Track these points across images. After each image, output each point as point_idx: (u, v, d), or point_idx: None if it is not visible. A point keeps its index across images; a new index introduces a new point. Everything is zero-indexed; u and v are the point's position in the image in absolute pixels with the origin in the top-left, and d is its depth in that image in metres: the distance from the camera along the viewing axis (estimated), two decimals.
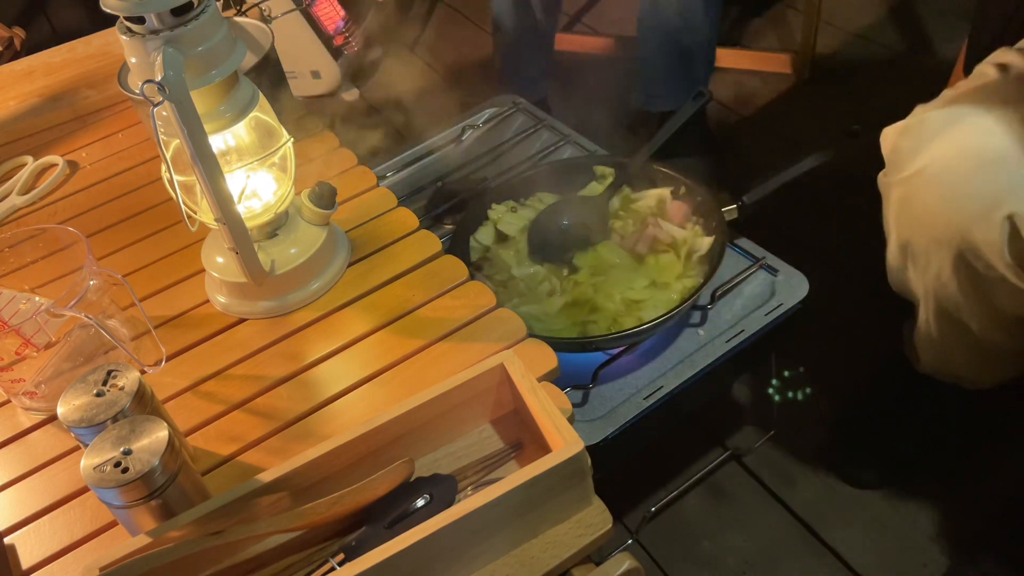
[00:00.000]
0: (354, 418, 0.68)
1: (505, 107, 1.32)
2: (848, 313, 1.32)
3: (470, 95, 1.91)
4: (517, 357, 0.62)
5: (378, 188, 0.90)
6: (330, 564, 0.57)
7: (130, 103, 1.07)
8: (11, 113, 1.12)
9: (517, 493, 0.54)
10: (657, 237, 1.02)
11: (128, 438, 0.55)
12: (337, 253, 0.81)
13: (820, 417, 1.21)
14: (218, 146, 0.69)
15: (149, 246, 0.88)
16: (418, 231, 0.84)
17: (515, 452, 0.63)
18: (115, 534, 0.63)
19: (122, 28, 0.63)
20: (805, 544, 1.09)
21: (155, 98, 0.59)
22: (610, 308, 0.96)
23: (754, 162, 1.66)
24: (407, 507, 0.58)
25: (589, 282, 0.99)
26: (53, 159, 1.01)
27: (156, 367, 0.69)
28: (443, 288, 0.78)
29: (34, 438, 0.71)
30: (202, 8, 0.63)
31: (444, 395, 0.61)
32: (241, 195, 0.73)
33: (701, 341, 0.96)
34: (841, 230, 1.45)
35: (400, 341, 0.73)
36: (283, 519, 0.56)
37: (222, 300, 0.79)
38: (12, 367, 0.69)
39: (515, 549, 0.58)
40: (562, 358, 0.71)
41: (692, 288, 0.95)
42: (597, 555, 0.60)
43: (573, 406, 0.72)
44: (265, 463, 0.66)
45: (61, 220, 0.94)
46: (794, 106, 1.80)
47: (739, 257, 1.03)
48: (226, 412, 0.70)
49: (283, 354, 0.74)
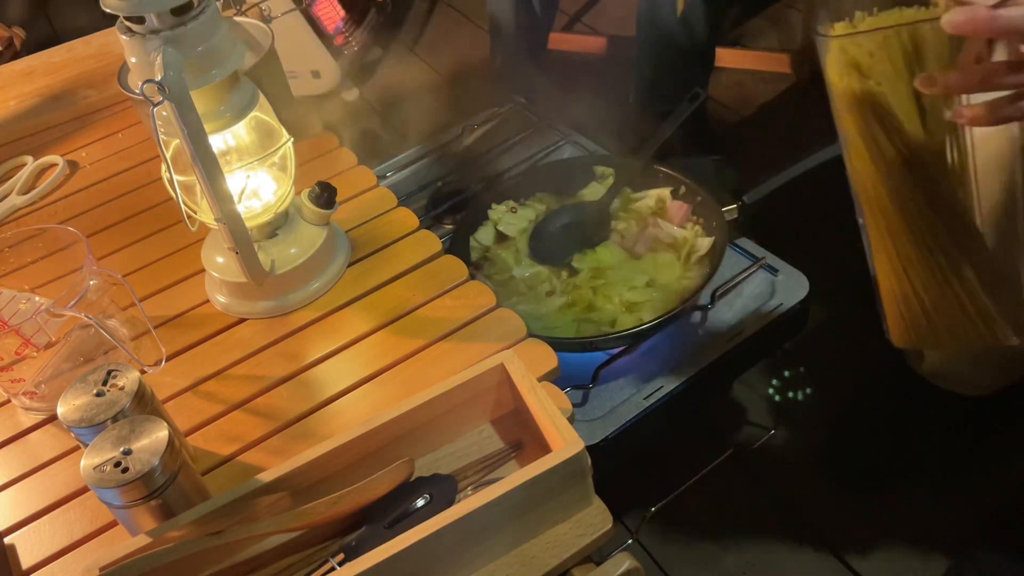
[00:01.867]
0: (354, 418, 0.68)
1: (505, 107, 1.32)
2: (848, 313, 1.32)
3: (470, 95, 1.92)
4: (517, 357, 0.62)
5: (378, 188, 0.90)
6: (330, 564, 0.57)
7: (130, 103, 1.07)
8: (11, 113, 1.12)
9: (517, 493, 0.54)
10: (657, 237, 1.02)
11: (128, 438, 0.55)
12: (337, 253, 0.81)
13: (820, 417, 1.21)
14: (218, 146, 0.69)
15: (149, 246, 0.88)
16: (418, 231, 0.84)
17: (515, 452, 0.63)
18: (115, 534, 0.63)
19: (122, 28, 0.63)
20: (805, 544, 1.09)
21: (155, 98, 0.59)
22: (610, 308, 0.96)
23: (754, 162, 1.66)
24: (407, 507, 0.58)
25: (589, 283, 0.99)
26: (53, 159, 1.01)
27: (156, 367, 0.69)
28: (443, 288, 0.78)
29: (34, 438, 0.71)
30: (202, 8, 0.63)
31: (444, 395, 0.61)
32: (241, 195, 0.73)
33: (701, 341, 0.96)
34: (841, 230, 1.45)
35: (400, 341, 0.73)
36: (283, 519, 0.56)
37: (222, 300, 0.79)
38: (12, 367, 0.69)
39: (515, 549, 0.58)
40: (562, 358, 0.71)
41: (692, 288, 0.95)
42: (597, 555, 0.60)
43: (573, 406, 0.72)
44: (265, 463, 0.66)
45: (61, 220, 0.94)
46: (794, 106, 1.80)
47: (739, 257, 1.03)
48: (226, 412, 0.70)
49: (283, 354, 0.74)
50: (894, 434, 1.16)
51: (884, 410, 1.18)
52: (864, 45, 0.62)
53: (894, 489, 1.12)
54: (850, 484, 1.14)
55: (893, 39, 0.61)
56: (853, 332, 1.30)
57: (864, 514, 1.10)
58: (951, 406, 1.14)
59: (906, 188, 0.66)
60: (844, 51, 0.63)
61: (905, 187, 0.66)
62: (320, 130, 0.99)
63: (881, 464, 1.15)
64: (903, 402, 1.15)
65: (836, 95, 0.66)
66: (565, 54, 1.98)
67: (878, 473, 1.14)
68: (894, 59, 0.61)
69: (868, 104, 0.63)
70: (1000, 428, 1.15)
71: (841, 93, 0.65)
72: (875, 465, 1.15)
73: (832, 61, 0.64)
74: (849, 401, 1.23)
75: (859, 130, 0.66)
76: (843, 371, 1.26)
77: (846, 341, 1.30)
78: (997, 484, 1.11)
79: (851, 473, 1.15)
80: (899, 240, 0.69)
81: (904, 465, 1.14)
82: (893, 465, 1.14)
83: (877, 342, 0.81)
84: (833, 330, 1.30)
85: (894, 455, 1.15)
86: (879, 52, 0.61)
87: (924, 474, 1.12)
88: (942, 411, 1.15)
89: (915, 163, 0.65)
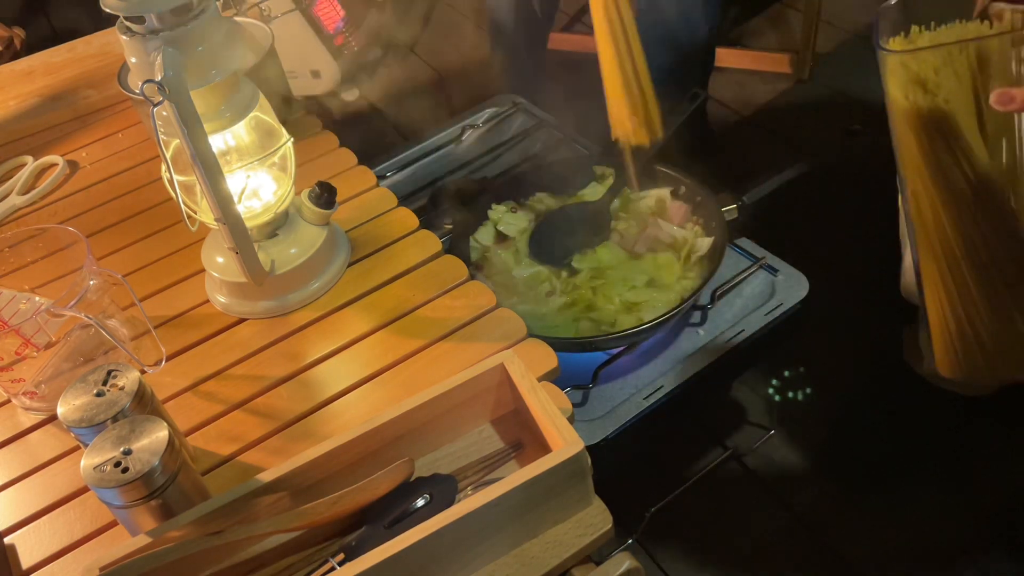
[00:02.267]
0: (354, 418, 0.68)
1: (505, 107, 1.32)
2: (848, 313, 1.32)
3: (470, 95, 1.92)
4: (517, 357, 0.62)
5: (378, 188, 0.90)
6: (330, 564, 0.57)
7: (130, 103, 1.07)
8: (11, 113, 1.12)
9: (517, 493, 0.54)
10: (657, 237, 1.02)
11: (128, 438, 0.55)
12: (337, 253, 0.81)
13: (820, 417, 1.21)
14: (218, 146, 0.69)
15: (149, 246, 0.88)
16: (418, 231, 0.84)
17: (515, 452, 0.63)
18: (115, 534, 0.63)
19: (122, 28, 0.63)
20: (805, 544, 1.09)
21: (155, 98, 0.59)
22: (610, 308, 0.96)
23: (754, 162, 1.66)
24: (407, 507, 0.58)
25: (589, 283, 0.99)
26: (53, 159, 1.01)
27: (156, 367, 0.69)
28: (443, 288, 0.78)
29: (34, 438, 0.71)
30: (202, 8, 0.63)
31: (444, 395, 0.61)
32: (241, 195, 0.73)
33: (701, 341, 0.96)
34: (841, 230, 1.45)
35: (400, 341, 0.73)
36: (283, 519, 0.56)
37: (222, 300, 0.79)
38: (12, 367, 0.69)
39: (515, 549, 0.58)
40: (562, 358, 0.71)
41: (692, 288, 0.95)
42: (597, 555, 0.60)
43: (573, 406, 0.72)
44: (265, 463, 0.66)
45: (61, 220, 0.94)
46: (794, 106, 1.80)
47: (739, 257, 1.03)
48: (226, 412, 0.70)
49: (283, 354, 0.74)
50: (894, 434, 1.16)
51: (884, 410, 1.18)
52: (929, 60, 0.59)
53: (894, 489, 1.12)
54: (850, 484, 1.14)
55: (957, 54, 0.58)
56: (853, 332, 1.31)
57: (864, 514, 1.10)
58: (951, 406, 1.14)
59: (969, 216, 0.63)
60: (906, 67, 0.60)
61: (968, 215, 0.63)
62: (320, 130, 0.99)
63: (881, 464, 1.15)
64: (903, 402, 1.15)
65: (900, 114, 0.62)
66: (565, 54, 1.98)
67: (878, 473, 1.14)
68: (961, 74, 0.58)
69: (935, 124, 0.60)
70: (1000, 428, 1.15)
71: (906, 112, 0.61)
72: (875, 465, 1.15)
73: (894, 77, 0.61)
74: (849, 401, 1.23)
75: (923, 153, 0.62)
76: (843, 371, 1.26)
77: (846, 341, 1.30)
78: (997, 484, 1.11)
79: (851, 473, 1.15)
80: (957, 271, 0.66)
81: (904, 465, 1.14)
82: (893, 465, 1.14)
83: (876, 342, 0.81)
84: (833, 330, 1.30)
85: (894, 455, 1.15)
86: (944, 68, 0.58)
87: (924, 474, 1.12)
88: (942, 411, 1.15)
89: (981, 190, 0.62)
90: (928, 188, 0.64)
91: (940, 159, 0.62)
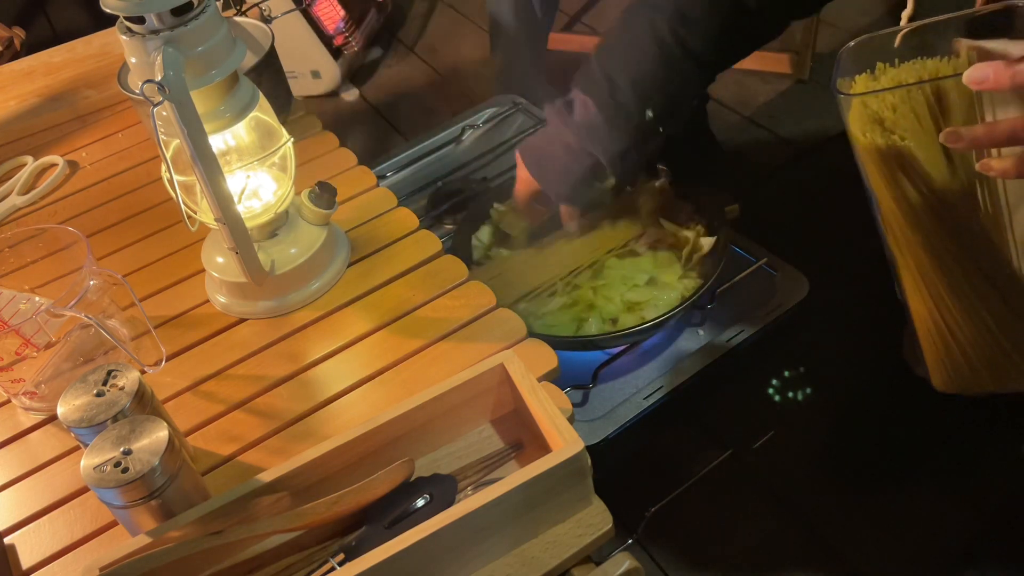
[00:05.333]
0: (354, 418, 0.68)
1: (505, 107, 1.32)
2: (848, 313, 1.32)
3: (469, 95, 1.92)
4: (517, 357, 0.62)
5: (378, 188, 0.90)
6: (330, 564, 0.57)
7: (130, 103, 1.07)
8: (11, 113, 1.12)
9: (517, 493, 0.54)
10: (657, 237, 1.03)
11: (128, 438, 0.55)
12: (337, 253, 0.81)
13: (820, 417, 1.21)
14: (218, 146, 0.69)
15: (149, 246, 0.88)
16: (418, 231, 0.84)
17: (515, 452, 0.63)
18: (115, 534, 0.63)
19: (122, 28, 0.63)
20: (805, 544, 1.09)
21: (155, 98, 0.59)
22: (611, 308, 0.96)
23: (754, 162, 1.66)
24: (407, 507, 0.58)
25: (589, 283, 0.99)
26: (53, 159, 1.01)
27: (156, 367, 0.69)
28: (443, 288, 0.78)
29: (34, 438, 0.71)
30: (202, 8, 0.63)
31: (444, 395, 0.61)
32: (241, 195, 0.73)
33: (701, 341, 0.97)
34: (841, 230, 1.45)
35: (400, 341, 0.73)
36: (283, 519, 0.56)
37: (222, 300, 0.79)
38: (12, 367, 0.69)
39: (515, 549, 0.58)
40: (562, 358, 0.71)
41: (693, 287, 0.95)
42: (597, 555, 0.60)
43: (573, 406, 0.72)
44: (265, 463, 0.66)
45: (61, 220, 0.94)
46: (794, 106, 1.80)
47: (739, 257, 1.03)
48: (226, 412, 0.70)
49: (283, 354, 0.74)
50: (894, 434, 1.16)
51: (884, 410, 1.18)
52: (887, 99, 0.60)
53: (894, 489, 1.12)
54: (850, 484, 1.14)
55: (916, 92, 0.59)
56: (853, 332, 1.30)
57: (864, 514, 1.10)
58: (951, 406, 1.14)
59: (937, 236, 0.64)
60: (866, 105, 0.61)
61: (936, 235, 0.64)
62: (320, 130, 0.99)
63: (881, 464, 1.15)
64: (903, 402, 1.15)
65: (860, 150, 0.64)
66: (565, 54, 1.98)
67: (878, 473, 1.14)
68: (918, 111, 0.60)
69: (893, 157, 0.62)
70: (1000, 428, 1.15)
71: (865, 148, 0.63)
72: (875, 465, 1.15)
73: (854, 117, 0.62)
74: (849, 401, 1.22)
75: (886, 182, 0.64)
76: (843, 371, 1.26)
77: (846, 341, 1.30)
78: (997, 484, 1.11)
79: (851, 473, 1.14)
80: (935, 289, 0.67)
81: (904, 465, 1.14)
82: (893, 465, 1.14)
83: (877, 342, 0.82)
84: (833, 330, 1.30)
85: (894, 455, 1.15)
86: (902, 106, 0.60)
87: (924, 474, 1.12)
88: (942, 411, 1.15)
89: (945, 210, 0.63)
90: (896, 216, 0.65)
91: (904, 190, 0.63)
